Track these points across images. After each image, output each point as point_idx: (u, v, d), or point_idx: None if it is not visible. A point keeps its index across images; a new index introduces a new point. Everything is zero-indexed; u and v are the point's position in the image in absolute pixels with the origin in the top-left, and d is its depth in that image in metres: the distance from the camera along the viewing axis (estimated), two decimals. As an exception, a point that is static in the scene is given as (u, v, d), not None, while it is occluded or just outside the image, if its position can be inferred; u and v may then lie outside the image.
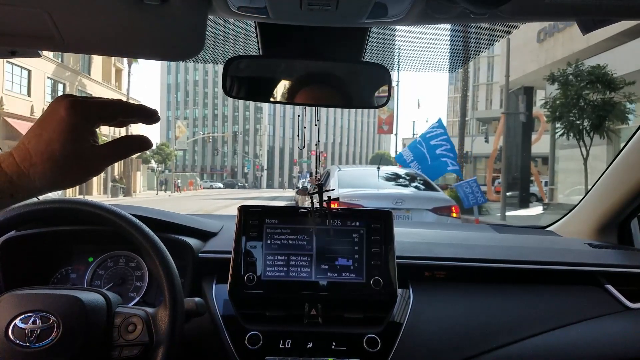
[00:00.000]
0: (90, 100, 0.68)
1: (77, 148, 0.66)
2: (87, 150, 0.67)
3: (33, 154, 0.65)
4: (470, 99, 39.78)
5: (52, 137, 0.65)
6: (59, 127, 0.65)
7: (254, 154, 76.37)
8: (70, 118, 0.65)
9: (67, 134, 0.65)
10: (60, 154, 0.65)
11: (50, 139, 0.65)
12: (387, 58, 1.50)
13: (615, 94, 11.22)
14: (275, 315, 1.08)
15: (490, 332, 1.09)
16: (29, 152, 0.65)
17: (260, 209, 1.14)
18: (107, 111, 0.69)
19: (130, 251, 1.24)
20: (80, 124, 0.66)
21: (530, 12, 0.76)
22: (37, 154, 0.65)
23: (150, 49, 0.92)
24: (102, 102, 0.69)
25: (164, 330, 0.83)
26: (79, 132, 0.66)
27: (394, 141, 28.00)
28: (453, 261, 1.22)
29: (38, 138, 0.65)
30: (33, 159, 0.64)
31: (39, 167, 0.65)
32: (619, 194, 1.45)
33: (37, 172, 0.65)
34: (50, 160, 0.65)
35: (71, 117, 0.65)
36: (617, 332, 1.13)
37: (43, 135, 0.65)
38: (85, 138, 0.67)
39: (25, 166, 0.65)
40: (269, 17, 0.78)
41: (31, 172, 0.65)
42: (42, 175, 0.65)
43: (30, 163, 0.64)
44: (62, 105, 0.66)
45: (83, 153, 0.66)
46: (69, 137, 0.65)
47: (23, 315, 0.80)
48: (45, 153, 0.64)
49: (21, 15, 0.76)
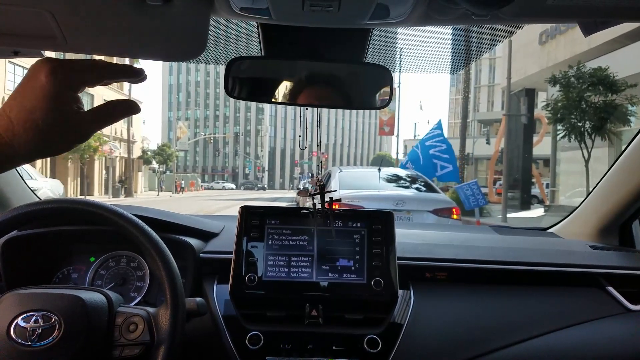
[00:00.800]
0: (72, 63, 0.65)
1: (60, 115, 0.63)
2: (71, 117, 0.64)
3: (15, 124, 0.62)
4: (471, 101, 39.77)
5: (34, 105, 0.62)
6: (41, 94, 0.62)
7: (255, 155, 76.43)
8: (52, 85, 0.62)
9: (49, 101, 0.62)
10: (44, 122, 0.62)
11: (33, 107, 0.62)
12: (388, 59, 1.51)
13: (617, 96, 11.22)
14: (276, 316, 1.08)
15: (491, 334, 1.09)
16: (11, 122, 0.62)
17: (262, 209, 1.15)
18: (91, 74, 0.66)
19: (132, 251, 1.24)
20: (63, 91, 0.63)
21: (532, 14, 0.76)
22: (20, 123, 0.62)
23: (153, 50, 0.92)
24: (84, 64, 0.66)
25: (165, 330, 0.83)
26: (63, 99, 0.63)
27: (395, 143, 27.98)
28: (454, 262, 1.22)
29: (19, 107, 0.62)
30: (16, 129, 0.62)
31: (22, 137, 0.62)
32: (620, 195, 1.45)
33: (21, 141, 0.62)
34: (33, 129, 0.62)
35: (53, 84, 0.62)
36: (618, 334, 1.13)
37: (24, 104, 0.62)
38: (69, 104, 0.64)
39: (8, 136, 0.62)
40: (271, 18, 0.78)
41: (15, 141, 0.62)
42: (26, 144, 0.63)
43: (14, 133, 0.62)
44: (42, 71, 0.63)
45: (68, 120, 0.64)
46: (52, 104, 0.62)
47: (25, 315, 0.80)
48: (28, 122, 0.62)
49: (24, 15, 0.76)
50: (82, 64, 0.66)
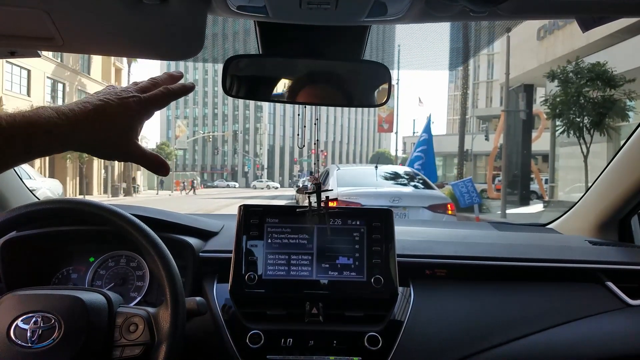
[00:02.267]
0: (152, 103, 0.72)
1: (123, 143, 0.71)
2: (131, 146, 0.72)
3: (84, 138, 0.68)
4: (470, 97, 39.75)
5: (107, 134, 0.69)
6: (120, 130, 0.70)
7: (254, 153, 76.35)
8: (133, 123, 0.70)
9: (126, 135, 0.70)
10: (108, 143, 0.70)
11: (106, 135, 0.69)
12: (387, 56, 1.50)
13: (615, 92, 11.21)
14: (276, 314, 1.08)
15: (491, 330, 1.09)
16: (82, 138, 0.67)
17: (261, 208, 1.14)
18: (162, 105, 0.74)
19: (131, 251, 1.24)
20: (139, 127, 0.72)
21: (530, 10, 0.76)
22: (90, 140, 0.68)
23: (150, 49, 0.92)
24: (159, 98, 0.73)
25: (165, 330, 0.83)
26: (135, 134, 0.71)
27: (395, 140, 28.00)
28: (454, 259, 1.22)
29: (96, 132, 0.68)
30: (82, 137, 0.67)
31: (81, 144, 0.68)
32: (619, 191, 1.45)
33: (73, 143, 0.67)
34: (93, 142, 0.69)
35: (134, 122, 0.70)
36: (618, 329, 1.13)
37: (100, 132, 0.68)
38: (136, 137, 0.72)
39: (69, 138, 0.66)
40: (268, 16, 0.78)
41: (73, 141, 0.67)
42: (76, 146, 0.68)
43: (75, 140, 0.67)
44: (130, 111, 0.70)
45: (126, 146, 0.71)
46: (124, 136, 0.70)
47: (24, 316, 0.80)
48: (98, 142, 0.69)
49: (21, 15, 0.76)
50: (157, 99, 0.73)
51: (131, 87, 0.74)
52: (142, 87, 0.75)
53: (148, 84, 0.75)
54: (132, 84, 0.76)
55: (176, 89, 0.76)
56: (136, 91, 0.73)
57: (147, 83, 0.76)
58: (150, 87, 0.75)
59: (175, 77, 0.79)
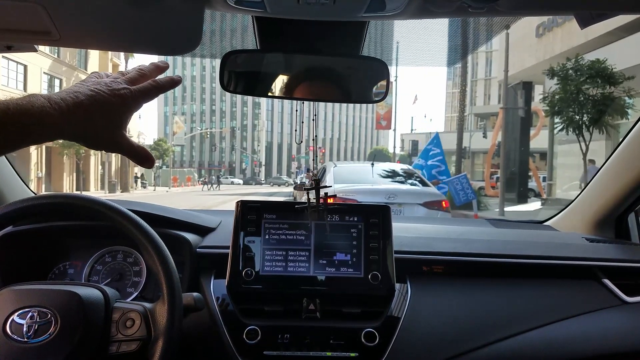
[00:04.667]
0: (141, 96, 0.73)
1: (112, 135, 0.71)
2: (119, 137, 0.72)
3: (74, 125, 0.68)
4: (468, 94, 39.75)
5: (98, 125, 0.70)
6: (110, 121, 0.70)
7: (252, 150, 76.28)
8: (123, 116, 0.71)
9: (114, 126, 0.71)
10: (98, 134, 0.71)
11: (97, 126, 0.70)
12: (385, 53, 1.50)
13: (614, 89, 11.21)
14: (273, 310, 1.08)
15: (488, 326, 1.09)
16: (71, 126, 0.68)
17: (259, 204, 1.14)
18: (152, 97, 0.75)
19: (128, 246, 1.23)
20: (127, 118, 0.72)
21: (529, 6, 0.76)
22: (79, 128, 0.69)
23: (147, 44, 0.91)
24: (147, 91, 0.74)
25: (162, 326, 0.83)
26: (123, 125, 0.72)
27: (392, 137, 28.00)
28: (451, 256, 1.22)
29: (87, 123, 0.68)
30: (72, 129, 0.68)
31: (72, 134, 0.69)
32: (616, 188, 1.46)
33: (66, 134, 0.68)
34: (84, 132, 0.70)
35: (124, 114, 0.71)
36: (614, 326, 1.14)
37: (91, 122, 0.69)
38: (124, 128, 0.73)
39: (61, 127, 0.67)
40: (266, 11, 0.78)
41: (65, 131, 0.67)
42: (68, 135, 0.69)
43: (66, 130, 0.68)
44: (121, 103, 0.70)
45: (114, 137, 0.72)
46: (114, 127, 0.71)
47: (21, 311, 0.80)
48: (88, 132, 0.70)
49: (17, 9, 0.75)
50: (146, 92, 0.74)
51: (120, 78, 0.74)
52: (131, 78, 0.74)
53: (136, 75, 0.75)
54: (118, 73, 0.76)
55: (165, 82, 0.76)
56: (125, 82, 0.73)
57: (135, 74, 0.75)
58: (139, 78, 0.75)
59: (162, 67, 0.80)
